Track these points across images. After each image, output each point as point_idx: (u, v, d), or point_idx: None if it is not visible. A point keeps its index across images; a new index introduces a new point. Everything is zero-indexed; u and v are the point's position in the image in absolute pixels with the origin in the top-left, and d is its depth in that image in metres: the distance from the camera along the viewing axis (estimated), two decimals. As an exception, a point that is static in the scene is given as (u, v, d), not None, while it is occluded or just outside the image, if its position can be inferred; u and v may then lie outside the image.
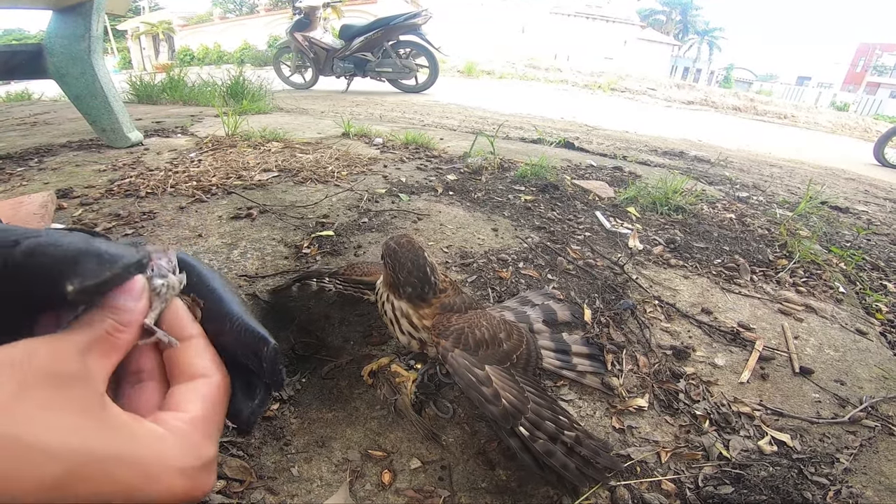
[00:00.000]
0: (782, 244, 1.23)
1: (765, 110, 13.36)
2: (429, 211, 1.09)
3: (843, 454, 0.53)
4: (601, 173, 1.84)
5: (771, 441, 0.54)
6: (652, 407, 0.58)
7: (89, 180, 1.35)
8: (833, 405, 0.63)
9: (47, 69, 1.68)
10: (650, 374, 0.63)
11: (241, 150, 1.68)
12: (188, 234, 0.92)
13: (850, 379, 0.70)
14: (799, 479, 0.49)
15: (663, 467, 0.50)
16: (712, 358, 0.69)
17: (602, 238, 1.08)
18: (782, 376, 0.68)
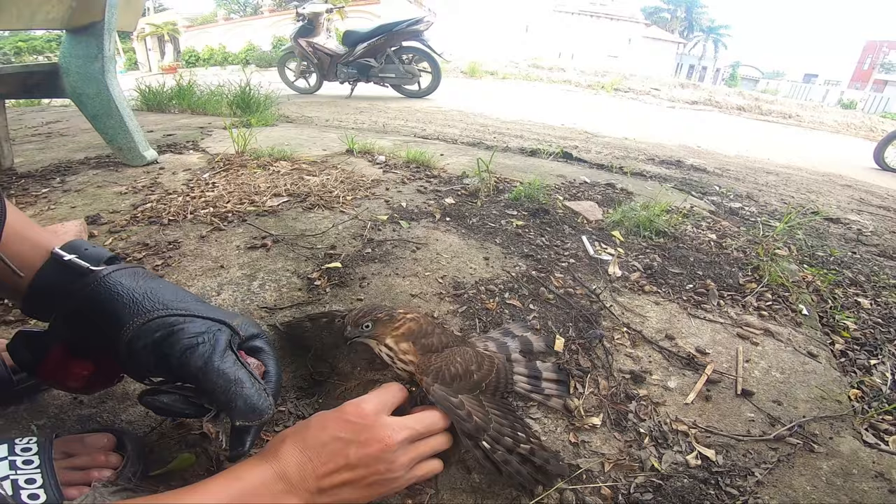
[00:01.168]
0: (755, 267, 1.33)
1: (769, 110, 13.32)
2: (427, 239, 1.20)
3: (760, 468, 0.64)
4: (594, 191, 1.95)
5: (697, 455, 0.65)
6: (604, 425, 0.70)
7: (113, 204, 1.46)
8: (764, 424, 0.74)
9: (64, 89, 1.76)
10: (607, 396, 0.74)
11: (251, 170, 1.79)
12: (211, 264, 1.03)
13: (788, 400, 0.80)
14: (712, 490, 0.60)
15: (605, 476, 0.61)
16: (666, 381, 0.80)
17: (585, 265, 1.19)
18: (725, 398, 0.78)
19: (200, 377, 0.46)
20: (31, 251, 0.51)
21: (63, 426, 0.61)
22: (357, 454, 0.48)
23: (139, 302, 0.49)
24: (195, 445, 0.60)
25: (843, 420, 0.78)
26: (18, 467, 0.45)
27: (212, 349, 0.47)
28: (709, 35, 39.99)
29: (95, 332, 0.49)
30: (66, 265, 0.51)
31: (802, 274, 1.56)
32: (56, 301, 0.50)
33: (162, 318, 0.48)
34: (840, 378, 0.92)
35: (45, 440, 0.49)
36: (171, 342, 0.47)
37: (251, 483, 0.43)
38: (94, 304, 0.48)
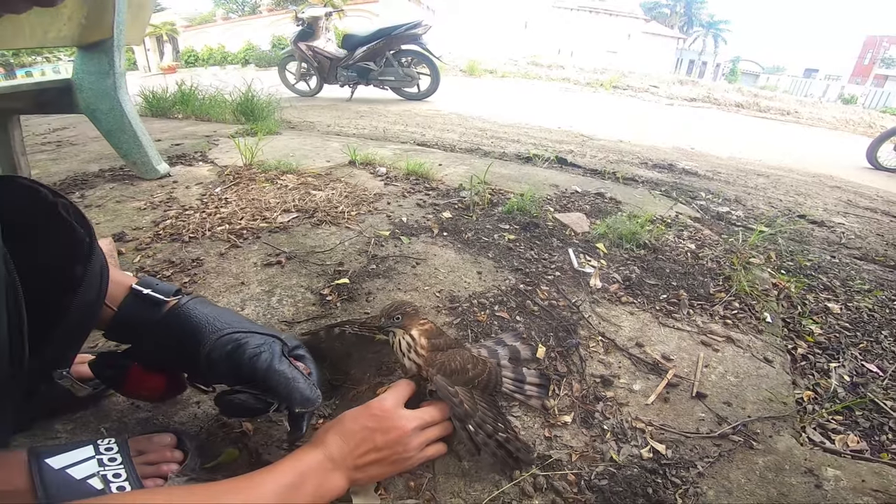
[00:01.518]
0: (726, 277, 1.45)
1: (768, 106, 13.33)
2: (425, 254, 1.33)
3: (702, 462, 0.76)
4: (584, 200, 2.06)
5: (650, 450, 0.77)
6: (574, 422, 0.82)
7: (134, 221, 1.58)
8: (713, 423, 0.86)
9: (78, 105, 1.85)
10: (579, 398, 0.87)
11: (260, 185, 1.91)
12: (233, 281, 1.16)
13: (738, 401, 0.93)
14: (659, 479, 0.72)
15: (572, 465, 0.74)
16: (631, 384, 0.92)
17: (569, 277, 1.31)
18: (681, 399, 0.91)
19: (266, 377, 0.61)
20: (113, 288, 0.64)
21: (126, 428, 0.74)
22: (382, 439, 0.63)
23: (212, 323, 0.64)
24: (237, 442, 0.73)
25: (785, 420, 0.90)
26: (105, 464, 0.57)
27: (271, 356, 0.63)
28: (708, 30, 39.93)
29: (173, 350, 0.64)
30: (145, 298, 0.65)
31: (776, 280, 1.66)
32: (138, 327, 0.65)
33: (230, 334, 0.63)
34: (789, 382, 1.04)
35: (122, 441, 0.61)
36: (239, 353, 0.62)
37: (307, 463, 0.58)
38: (177, 326, 0.64)
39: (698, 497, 0.71)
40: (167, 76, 4.97)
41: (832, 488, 0.76)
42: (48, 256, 0.51)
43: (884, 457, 0.91)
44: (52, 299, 0.51)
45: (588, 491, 0.70)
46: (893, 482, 0.80)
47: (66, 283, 0.53)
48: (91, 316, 0.58)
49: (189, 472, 0.64)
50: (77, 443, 0.60)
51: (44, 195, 0.53)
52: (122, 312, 0.64)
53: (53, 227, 0.53)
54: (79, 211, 0.57)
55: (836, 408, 1.04)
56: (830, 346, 1.35)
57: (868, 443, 0.96)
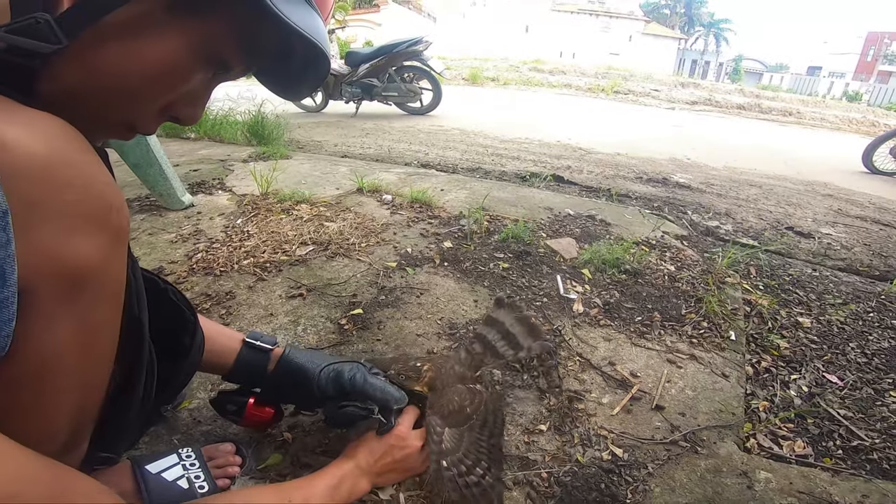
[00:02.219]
0: (698, 299, 1.61)
1: (770, 107, 13.34)
2: (428, 285, 1.52)
3: (653, 464, 0.94)
4: (575, 224, 2.24)
5: (610, 453, 0.95)
6: (550, 430, 1.01)
7: (169, 254, 1.77)
8: (667, 430, 1.04)
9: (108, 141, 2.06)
10: (554, 409, 1.05)
11: (276, 216, 2.11)
12: (263, 313, 1.35)
13: (691, 412, 1.10)
14: (614, 477, 0.90)
15: (545, 464, 0.92)
16: (601, 398, 1.11)
17: (555, 303, 1.49)
18: (642, 411, 1.09)
19: (364, 389, 0.84)
20: (229, 342, 0.87)
21: (192, 439, 0.94)
22: (399, 454, 0.85)
23: (312, 361, 0.88)
24: (280, 448, 0.93)
25: (730, 429, 1.07)
26: (188, 469, 0.76)
27: (363, 374, 0.86)
28: (709, 30, 39.97)
29: (289, 385, 0.86)
30: (257, 348, 0.87)
31: (751, 297, 1.81)
32: (255, 370, 0.87)
33: (329, 365, 0.87)
34: (741, 395, 1.21)
35: (198, 449, 0.81)
36: (341, 377, 0.85)
37: (344, 470, 0.79)
38: (289, 367, 0.86)
39: (646, 493, 0.88)
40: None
41: (762, 489, 0.93)
42: (166, 332, 0.70)
43: (826, 461, 1.07)
44: (169, 361, 0.71)
45: (556, 485, 0.88)
46: (819, 485, 0.95)
47: (179, 350, 0.74)
48: (193, 370, 0.81)
49: (248, 473, 0.85)
50: (164, 452, 0.80)
51: (157, 283, 0.73)
52: (240, 359, 0.86)
53: (169, 310, 0.73)
54: (183, 296, 0.77)
55: (786, 415, 1.19)
56: (795, 359, 1.49)
57: (814, 448, 1.11)
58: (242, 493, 0.73)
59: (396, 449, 0.84)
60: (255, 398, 0.88)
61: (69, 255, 0.40)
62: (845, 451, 1.09)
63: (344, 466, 0.80)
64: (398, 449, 0.84)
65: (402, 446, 0.85)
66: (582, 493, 0.87)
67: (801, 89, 27.07)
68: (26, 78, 0.42)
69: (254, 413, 0.87)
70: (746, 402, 1.20)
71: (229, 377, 0.88)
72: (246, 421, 0.88)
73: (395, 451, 0.84)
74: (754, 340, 1.56)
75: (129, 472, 0.74)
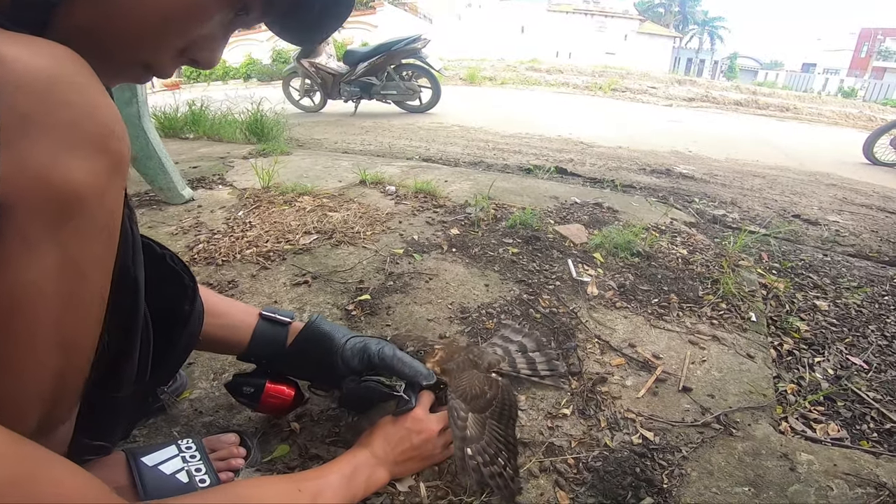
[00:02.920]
0: (714, 280, 1.57)
1: (767, 103, 13.37)
2: (437, 270, 1.46)
3: (686, 447, 0.88)
4: (583, 211, 2.19)
5: (640, 436, 0.90)
6: (573, 414, 0.95)
7: (170, 246, 1.70)
8: (697, 413, 0.98)
9: None
10: (577, 393, 1.00)
11: (279, 207, 2.05)
12: (266, 300, 1.30)
13: (720, 394, 1.05)
14: (648, 462, 0.84)
15: (571, 450, 0.86)
16: (624, 381, 1.05)
17: (568, 286, 1.44)
18: (669, 393, 1.03)
19: (393, 364, 0.81)
20: (245, 316, 0.82)
21: (193, 430, 0.88)
22: (417, 440, 0.78)
23: (338, 331, 0.84)
24: (287, 439, 0.87)
25: (763, 410, 1.02)
26: (188, 461, 0.70)
27: (392, 349, 0.83)
28: (704, 28, 40.14)
29: (312, 355, 0.82)
30: (274, 320, 0.83)
31: (765, 280, 1.77)
32: (273, 346, 0.82)
33: (354, 337, 0.84)
34: (770, 376, 1.16)
35: (198, 440, 0.75)
36: (367, 350, 0.81)
37: (358, 460, 0.73)
38: (315, 335, 0.82)
39: (683, 477, 0.83)
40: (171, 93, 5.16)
41: (805, 471, 0.87)
42: (164, 299, 0.64)
43: (863, 444, 1.02)
44: (166, 332, 0.64)
45: (586, 471, 0.82)
46: (864, 466, 0.90)
47: (177, 319, 0.67)
48: (192, 344, 0.73)
49: (253, 465, 0.78)
50: (162, 444, 0.73)
51: (154, 248, 0.67)
52: (258, 334, 0.81)
53: (167, 275, 0.67)
54: (182, 261, 0.70)
55: (816, 397, 1.15)
56: (816, 341, 1.44)
57: (848, 431, 1.06)
58: (246, 485, 0.66)
59: (414, 434, 0.78)
60: (273, 380, 0.83)
61: (59, 176, 0.35)
62: (880, 434, 1.04)
63: (359, 455, 0.73)
64: (416, 433, 0.78)
65: (419, 430, 0.79)
66: (616, 479, 0.81)
67: (797, 86, 27.17)
68: (43, 14, 0.40)
69: (272, 395, 0.82)
70: (774, 385, 1.15)
71: (245, 355, 0.83)
72: (263, 405, 0.82)
73: (413, 437, 0.78)
74: (774, 323, 1.52)
75: (124, 464, 0.67)
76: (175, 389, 0.96)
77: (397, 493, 0.77)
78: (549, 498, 0.78)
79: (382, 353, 0.81)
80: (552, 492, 0.79)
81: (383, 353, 0.81)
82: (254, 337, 0.81)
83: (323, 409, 0.93)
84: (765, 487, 0.83)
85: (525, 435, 0.91)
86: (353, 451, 0.75)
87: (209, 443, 0.78)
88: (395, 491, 0.77)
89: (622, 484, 0.80)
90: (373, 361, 0.80)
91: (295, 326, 0.84)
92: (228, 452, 0.78)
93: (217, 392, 0.99)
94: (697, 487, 0.82)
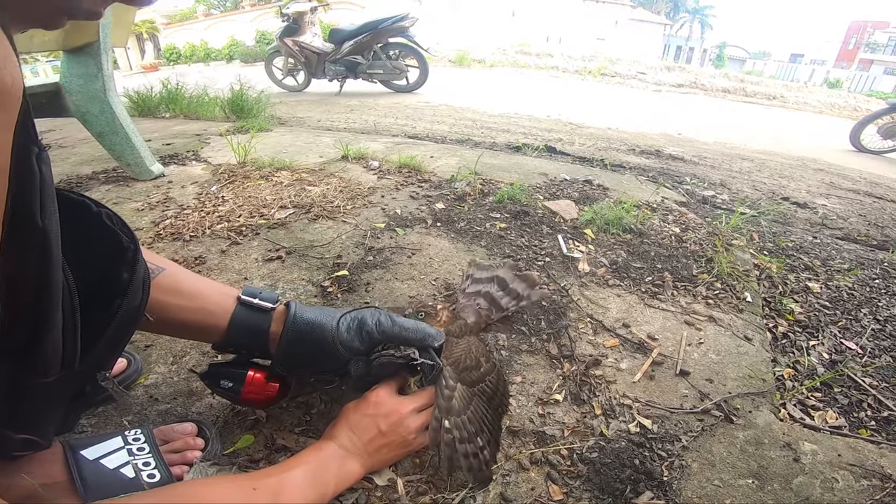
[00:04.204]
0: (708, 259, 1.51)
1: (754, 91, 13.44)
2: (420, 245, 1.37)
3: (686, 436, 0.82)
4: (572, 188, 2.11)
5: (637, 424, 0.83)
6: (566, 400, 0.88)
7: (134, 222, 1.60)
8: (696, 399, 0.92)
9: (69, 108, 1.84)
10: (569, 376, 0.93)
11: (255, 182, 1.94)
12: (236, 277, 1.20)
13: (719, 378, 0.99)
14: (646, 452, 0.78)
15: (564, 439, 0.79)
16: (619, 363, 0.98)
17: (558, 262, 1.36)
18: (666, 377, 0.97)
19: (398, 333, 0.72)
20: (221, 298, 0.71)
21: (147, 419, 0.78)
22: (384, 423, 0.69)
23: (324, 314, 0.73)
24: (252, 428, 0.78)
25: (764, 396, 0.96)
26: (134, 454, 0.62)
27: (389, 317, 0.73)
28: (694, 16, 40.05)
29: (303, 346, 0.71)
30: (255, 306, 0.71)
31: (758, 261, 1.72)
32: (253, 335, 0.71)
33: (344, 315, 0.73)
34: (769, 359, 1.10)
35: (148, 431, 0.66)
36: (364, 325, 0.72)
37: (325, 453, 0.65)
38: (299, 327, 0.70)
39: (683, 469, 0.77)
40: (150, 74, 4.93)
41: (809, 462, 0.82)
42: (96, 264, 0.54)
43: (862, 433, 0.97)
44: (100, 304, 0.54)
45: (580, 463, 0.75)
46: (869, 457, 0.85)
47: (114, 288, 0.55)
48: (135, 320, 0.60)
49: (211, 457, 0.69)
50: (106, 434, 0.64)
51: (88, 205, 0.56)
52: (235, 320, 0.70)
53: (99, 236, 0.56)
54: (122, 220, 0.59)
55: (813, 384, 1.10)
56: (810, 324, 1.40)
57: (847, 419, 1.01)
58: (193, 485, 0.57)
59: (381, 418, 0.69)
60: (256, 370, 0.72)
61: None
62: (878, 422, 1.00)
63: (325, 448, 0.66)
64: (382, 418, 0.69)
65: (385, 413, 0.70)
66: (613, 471, 0.74)
67: (784, 76, 27.36)
68: None
69: (255, 387, 0.71)
70: (773, 369, 1.09)
71: (222, 344, 0.72)
72: (244, 398, 0.72)
73: (380, 422, 0.69)
74: (768, 304, 1.47)
75: (61, 458, 0.59)
76: (128, 376, 0.86)
77: (374, 488, 0.69)
78: (541, 493, 0.71)
79: (380, 324, 0.72)
80: (544, 486, 0.72)
81: (381, 324, 0.72)
82: (231, 324, 0.70)
83: (293, 396, 0.84)
84: (769, 479, 0.77)
85: (514, 423, 0.83)
86: (319, 444, 0.67)
87: (163, 433, 0.69)
88: (372, 486, 0.69)
89: (620, 477, 0.73)
90: (374, 337, 0.72)
91: (279, 312, 0.73)
92: (184, 444, 0.69)
93: (176, 377, 0.89)
94: (699, 480, 0.75)
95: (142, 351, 0.96)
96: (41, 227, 0.42)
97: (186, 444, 0.69)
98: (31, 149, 0.41)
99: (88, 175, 2.12)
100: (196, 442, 0.70)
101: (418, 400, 0.74)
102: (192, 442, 0.70)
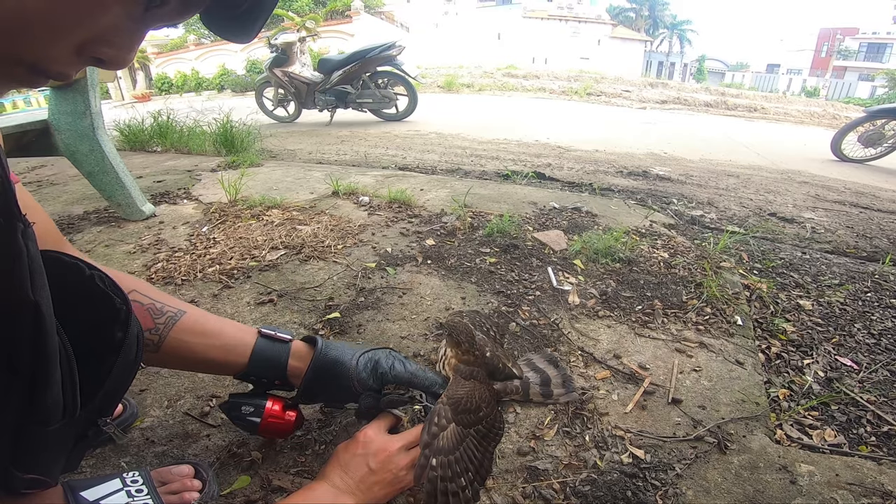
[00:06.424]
0: (697, 284, 1.53)
1: (735, 104, 13.73)
2: (411, 284, 1.39)
3: (680, 464, 0.83)
4: (561, 217, 2.14)
5: (630, 455, 0.84)
6: (558, 433, 0.89)
7: (126, 265, 1.61)
8: (689, 426, 0.93)
9: (58, 147, 1.84)
10: (562, 410, 0.94)
11: (245, 221, 1.96)
12: (228, 322, 1.20)
13: (712, 404, 1.00)
14: (640, 483, 0.78)
15: (557, 473, 0.80)
16: (611, 395, 0.99)
17: (548, 296, 1.38)
18: (658, 406, 0.98)
19: (409, 378, 0.82)
20: (242, 334, 0.78)
21: (144, 461, 0.80)
22: (373, 461, 0.72)
23: (345, 352, 0.80)
24: (248, 469, 0.80)
25: (758, 420, 0.97)
26: (133, 495, 0.62)
27: (402, 362, 0.83)
28: (673, 31, 41.22)
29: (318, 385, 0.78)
30: (275, 338, 0.79)
31: (748, 281, 1.74)
32: (273, 365, 0.78)
33: (363, 355, 0.81)
34: (761, 382, 1.11)
35: (145, 473, 0.67)
36: (379, 366, 0.80)
37: (317, 493, 0.67)
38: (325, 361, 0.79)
39: (678, 497, 0.77)
40: (141, 105, 4.99)
41: (807, 483, 0.82)
42: (90, 325, 0.57)
43: (862, 449, 0.97)
44: (97, 361, 0.57)
45: (573, 497, 0.76)
46: (868, 475, 0.86)
47: (109, 346, 0.59)
48: (131, 372, 0.63)
49: (209, 498, 0.71)
50: (104, 476, 0.66)
51: (81, 269, 0.58)
52: (258, 353, 0.77)
53: (92, 298, 0.58)
54: (113, 282, 0.61)
55: (810, 403, 1.10)
56: (804, 342, 1.40)
57: (846, 436, 1.01)
58: None
59: (370, 457, 0.72)
60: (274, 399, 0.78)
61: None
62: (878, 438, 1.00)
63: (316, 489, 0.68)
64: (371, 456, 0.72)
65: (374, 452, 0.73)
66: (606, 504, 0.75)
67: (762, 86, 28.03)
68: None
69: (274, 417, 0.77)
70: (766, 391, 1.10)
71: (245, 374, 0.78)
72: (264, 428, 0.77)
73: (370, 460, 0.72)
74: (759, 325, 1.48)
75: (62, 499, 0.60)
76: (125, 420, 0.89)
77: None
78: (535, 531, 0.71)
79: (394, 369, 0.81)
80: (537, 524, 0.72)
81: (394, 369, 0.81)
82: (254, 354, 0.77)
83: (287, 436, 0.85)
84: (766, 503, 0.77)
85: (506, 459, 0.84)
86: (311, 485, 0.69)
87: (161, 475, 0.71)
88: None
89: (613, 511, 0.73)
90: (386, 378, 0.80)
91: (296, 346, 0.80)
92: (181, 485, 0.71)
93: (171, 420, 0.91)
94: (694, 509, 0.76)
95: (137, 395, 0.97)
96: (33, 301, 0.45)
97: (184, 486, 0.71)
98: (17, 226, 0.43)
99: (80, 215, 2.12)
100: (193, 483, 0.72)
101: (407, 437, 0.77)
102: (190, 483, 0.72)
